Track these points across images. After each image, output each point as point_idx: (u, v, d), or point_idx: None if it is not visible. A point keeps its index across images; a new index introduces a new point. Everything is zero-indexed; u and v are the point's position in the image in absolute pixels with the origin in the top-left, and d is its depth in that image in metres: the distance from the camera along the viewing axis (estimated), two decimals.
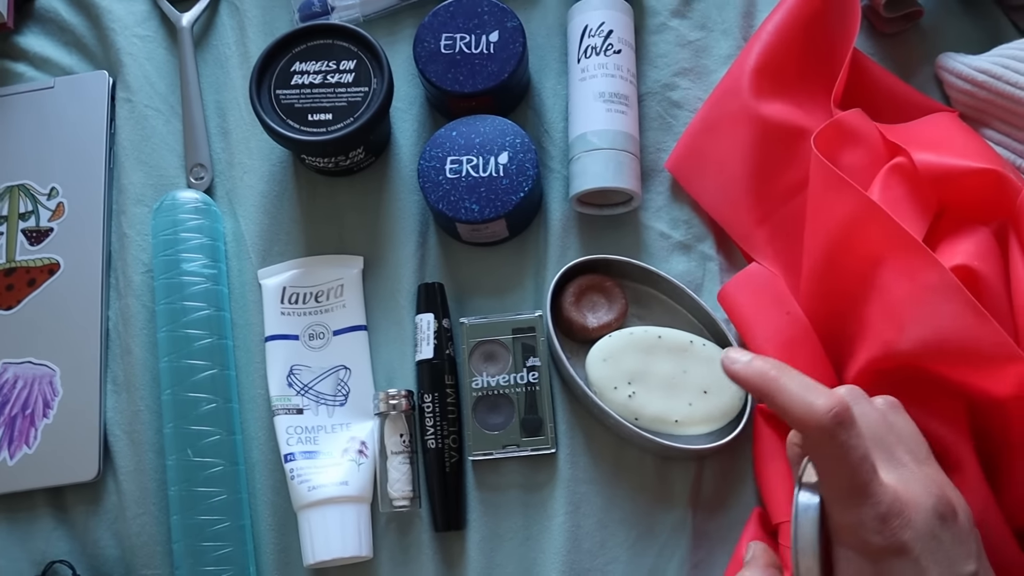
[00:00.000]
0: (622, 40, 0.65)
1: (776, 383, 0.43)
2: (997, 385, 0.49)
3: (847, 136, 0.60)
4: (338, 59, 0.62)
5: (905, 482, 0.42)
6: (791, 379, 0.43)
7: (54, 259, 0.65)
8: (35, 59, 0.71)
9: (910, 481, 0.42)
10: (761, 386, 0.44)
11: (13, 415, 0.62)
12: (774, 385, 0.43)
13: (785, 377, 0.43)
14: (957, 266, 0.52)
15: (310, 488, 0.58)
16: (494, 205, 0.60)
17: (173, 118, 0.69)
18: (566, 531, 0.58)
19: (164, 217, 0.63)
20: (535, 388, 0.60)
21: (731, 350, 0.46)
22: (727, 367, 0.45)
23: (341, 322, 0.63)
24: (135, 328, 0.63)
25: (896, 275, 0.52)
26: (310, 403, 0.61)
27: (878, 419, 0.44)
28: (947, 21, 0.68)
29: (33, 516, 0.61)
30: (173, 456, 0.59)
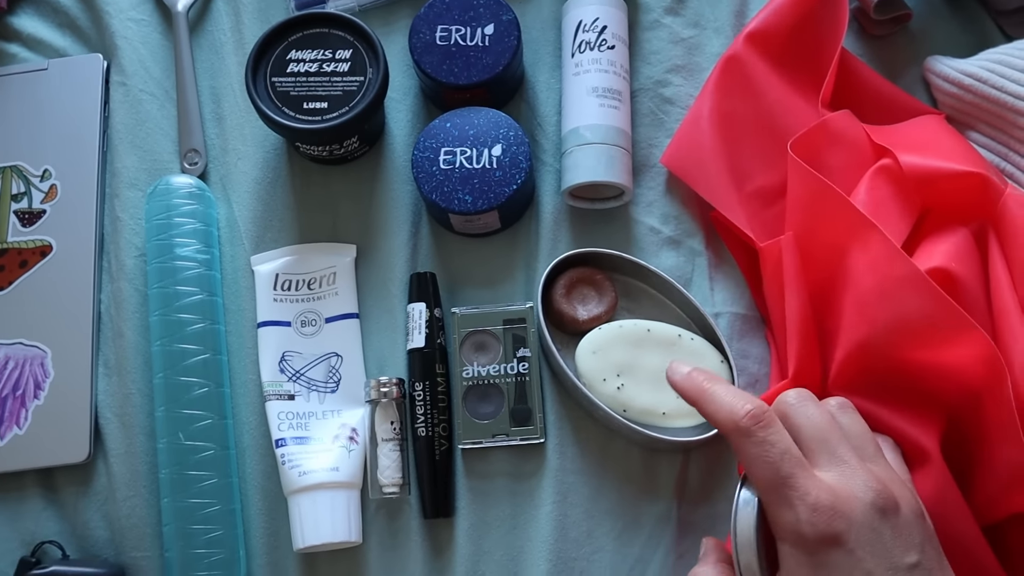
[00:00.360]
0: (616, 36, 0.65)
1: (706, 392, 0.48)
2: (961, 365, 0.51)
3: (833, 138, 0.61)
4: (334, 48, 0.63)
5: (844, 477, 0.44)
6: (720, 388, 0.47)
7: (46, 241, 0.65)
8: (28, 40, 0.71)
9: (849, 477, 0.44)
10: (695, 394, 0.48)
11: (3, 396, 0.62)
12: (705, 394, 0.48)
13: (716, 386, 0.47)
14: (934, 268, 0.53)
15: (301, 473, 0.58)
16: (487, 197, 0.61)
17: (167, 103, 0.69)
18: (553, 520, 0.59)
19: (158, 201, 0.63)
20: (525, 378, 0.60)
21: (675, 362, 0.51)
22: (669, 376, 0.51)
23: (333, 309, 0.63)
24: (127, 311, 0.63)
25: (864, 269, 0.54)
26: (302, 389, 0.61)
27: (823, 419, 0.46)
28: (935, 25, 0.69)
29: (23, 497, 0.61)
30: (164, 439, 0.59)
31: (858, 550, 0.42)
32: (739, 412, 0.45)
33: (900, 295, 0.52)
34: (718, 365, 0.60)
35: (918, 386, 0.54)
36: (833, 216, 0.57)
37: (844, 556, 0.42)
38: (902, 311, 0.52)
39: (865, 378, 0.55)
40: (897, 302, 0.52)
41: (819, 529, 0.42)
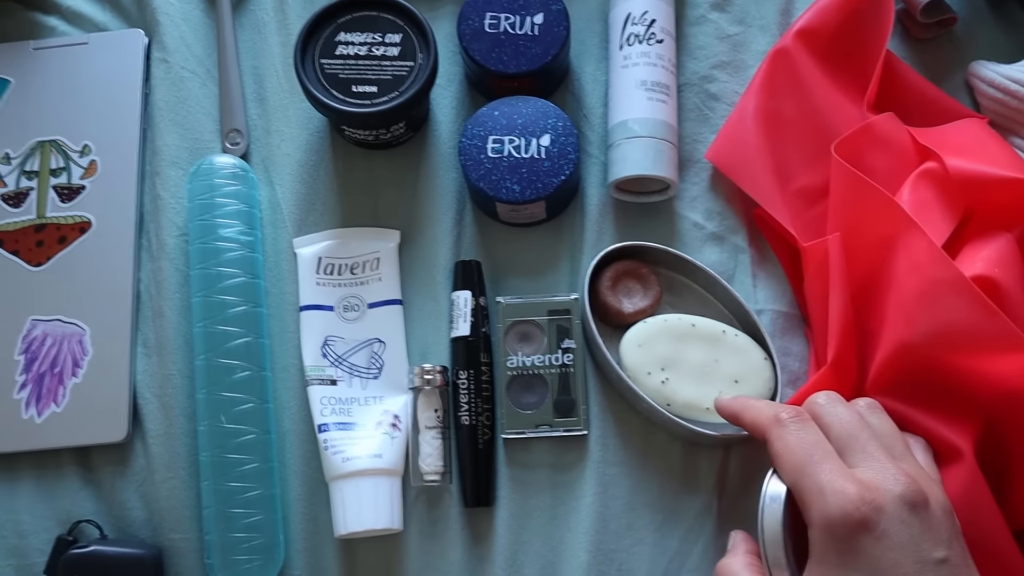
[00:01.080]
0: (664, 30, 0.65)
1: (746, 404, 0.52)
2: (1004, 374, 0.51)
3: (878, 140, 0.61)
4: (384, 32, 0.62)
5: (873, 471, 0.45)
6: (758, 402, 0.52)
7: (86, 217, 0.64)
8: (68, 13, 0.70)
9: (879, 471, 0.45)
10: (736, 410, 0.53)
11: (41, 372, 0.61)
12: (743, 404, 0.52)
13: (753, 401, 0.52)
14: (976, 276, 0.53)
15: (344, 459, 0.58)
16: (535, 187, 0.60)
17: (209, 82, 0.68)
18: (594, 511, 0.59)
19: (201, 181, 0.63)
20: (569, 370, 0.60)
21: (719, 399, 0.55)
22: (717, 404, 0.55)
23: (376, 295, 0.63)
24: (168, 291, 0.62)
25: (907, 270, 0.54)
26: (344, 375, 0.61)
27: (852, 418, 0.48)
28: (979, 29, 0.69)
29: (60, 475, 0.61)
30: (205, 422, 0.59)
31: (886, 538, 0.42)
32: (768, 413, 0.49)
33: (943, 299, 0.52)
34: (761, 362, 0.60)
35: (956, 388, 0.54)
36: (877, 216, 0.57)
37: (873, 543, 0.42)
38: (944, 316, 0.52)
39: (903, 378, 0.55)
40: (940, 306, 0.52)
41: (848, 515, 0.43)
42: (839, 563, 0.43)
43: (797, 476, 0.45)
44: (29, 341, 0.62)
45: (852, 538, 0.43)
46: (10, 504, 0.60)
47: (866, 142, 0.61)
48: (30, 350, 0.61)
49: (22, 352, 0.61)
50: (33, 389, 0.61)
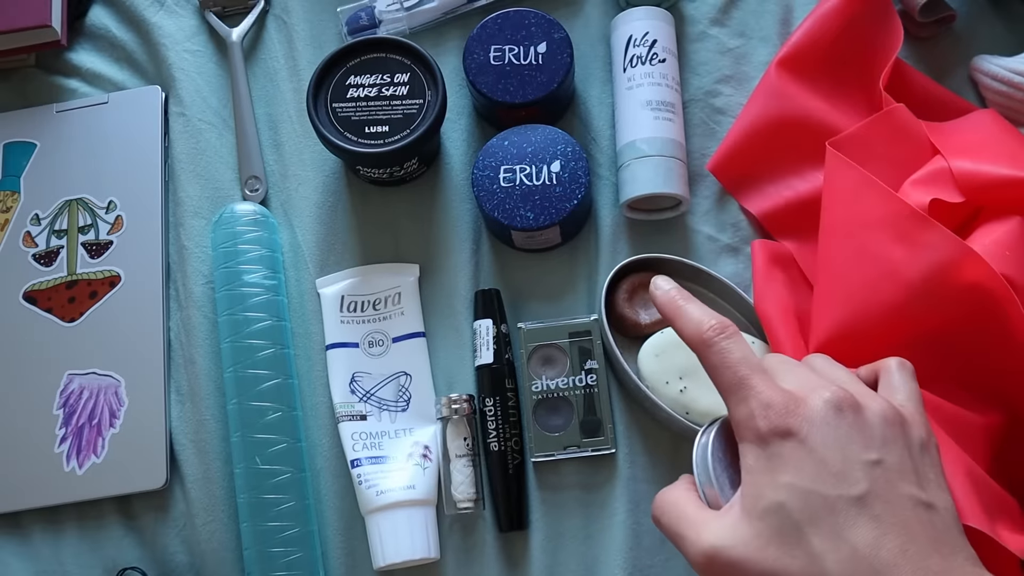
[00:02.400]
0: (666, 49, 0.66)
1: (680, 308, 0.49)
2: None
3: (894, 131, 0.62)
4: (392, 72, 0.64)
5: (802, 380, 0.45)
6: (692, 306, 0.49)
7: (115, 271, 0.66)
8: (87, 75, 0.72)
9: (805, 381, 0.44)
10: (670, 311, 0.49)
11: (80, 425, 0.63)
12: (679, 310, 0.49)
13: (689, 304, 0.49)
14: None
15: (378, 492, 0.59)
16: (548, 213, 0.61)
17: (226, 131, 0.70)
18: (627, 529, 0.59)
19: (223, 230, 0.64)
20: (593, 390, 0.61)
21: (659, 278, 0.51)
22: (651, 290, 0.51)
23: (400, 329, 0.64)
24: (198, 339, 0.64)
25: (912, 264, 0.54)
26: (373, 409, 0.62)
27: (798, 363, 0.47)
28: (979, 24, 0.69)
29: (102, 524, 0.62)
30: (241, 464, 0.60)
31: (810, 440, 0.41)
32: (704, 325, 0.46)
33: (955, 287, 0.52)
34: None
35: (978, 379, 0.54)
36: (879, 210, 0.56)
37: (796, 446, 0.42)
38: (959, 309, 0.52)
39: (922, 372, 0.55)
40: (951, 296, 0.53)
41: (772, 423, 0.42)
42: (767, 469, 0.42)
43: (726, 392, 0.45)
44: (67, 395, 0.63)
45: (777, 443, 0.42)
46: (56, 555, 0.62)
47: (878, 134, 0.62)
48: (68, 404, 0.63)
49: (60, 406, 0.63)
50: (73, 442, 0.62)
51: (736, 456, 0.45)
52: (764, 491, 0.42)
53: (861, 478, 0.41)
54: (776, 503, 0.41)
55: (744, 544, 0.41)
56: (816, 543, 0.40)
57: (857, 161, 0.59)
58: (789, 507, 0.41)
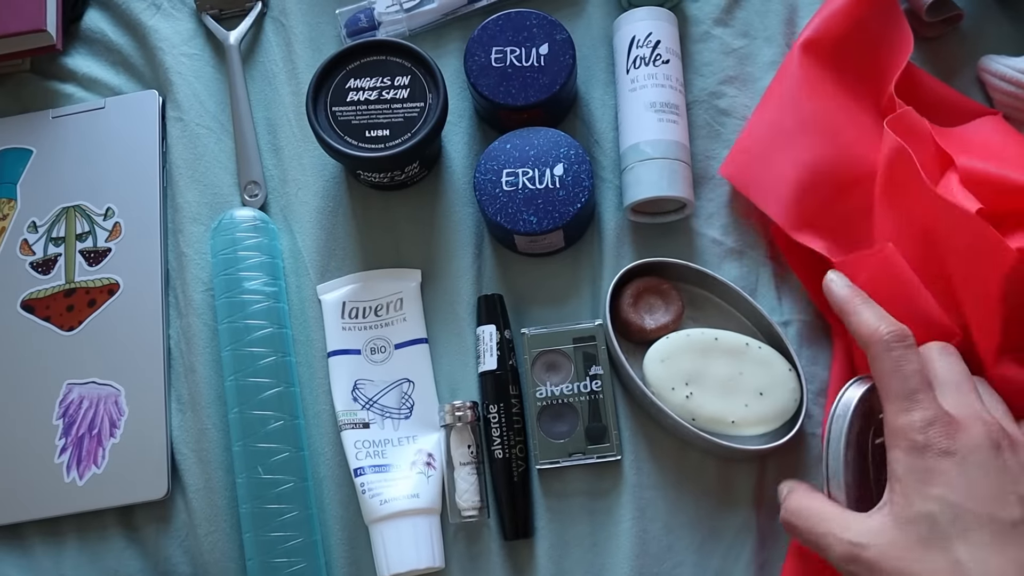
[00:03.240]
0: (669, 50, 0.66)
1: (855, 307, 0.51)
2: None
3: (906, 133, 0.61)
4: (392, 75, 0.63)
5: (964, 407, 0.46)
6: (869, 307, 0.51)
7: (113, 279, 0.65)
8: (84, 80, 0.71)
9: (969, 409, 0.46)
10: (844, 306, 0.52)
11: (80, 435, 0.62)
12: (853, 308, 0.51)
13: (865, 304, 0.51)
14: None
15: (382, 502, 0.58)
16: (552, 216, 0.61)
17: (224, 136, 0.69)
18: (633, 536, 0.59)
19: (222, 236, 0.64)
20: (598, 396, 0.60)
21: (834, 272, 0.54)
22: (826, 283, 0.54)
23: (402, 335, 0.63)
24: (198, 347, 0.63)
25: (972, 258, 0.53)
26: (376, 417, 0.61)
27: (959, 369, 0.49)
28: (986, 24, 0.69)
29: (104, 535, 0.62)
30: (243, 474, 0.59)
31: (967, 463, 0.44)
32: (884, 328, 0.48)
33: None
34: (786, 373, 0.60)
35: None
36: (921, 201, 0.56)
37: (953, 464, 0.44)
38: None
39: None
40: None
41: (931, 439, 0.45)
42: (920, 480, 0.44)
43: (893, 398, 0.47)
44: (66, 405, 0.63)
45: (934, 459, 0.44)
46: (57, 568, 0.61)
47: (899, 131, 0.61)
48: (68, 414, 0.63)
49: (60, 416, 0.63)
50: (73, 452, 0.62)
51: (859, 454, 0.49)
52: (914, 500, 0.44)
53: (1016, 507, 0.43)
54: (926, 512, 0.43)
55: (890, 544, 0.44)
56: (963, 553, 0.42)
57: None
58: (939, 517, 0.43)
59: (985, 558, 0.42)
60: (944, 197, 0.54)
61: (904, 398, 0.46)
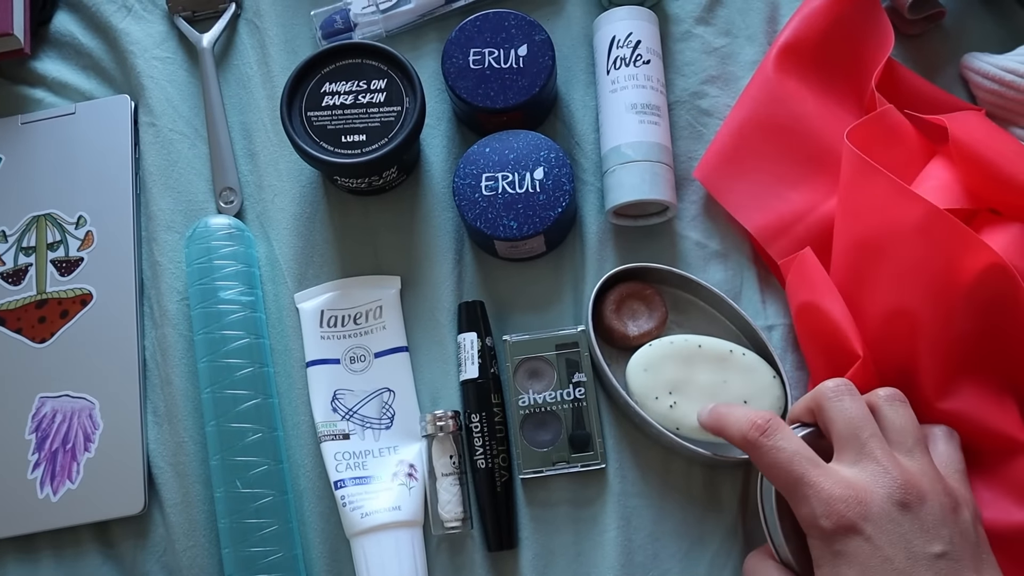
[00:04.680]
0: (650, 50, 0.65)
1: (723, 416, 0.52)
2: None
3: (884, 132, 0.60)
4: (368, 79, 0.62)
5: (865, 471, 0.45)
6: (735, 410, 0.51)
7: (86, 289, 0.64)
8: (53, 84, 0.70)
9: (871, 471, 0.45)
10: (715, 424, 0.53)
11: (54, 450, 0.61)
12: (722, 418, 0.52)
13: (731, 409, 0.52)
14: None
15: (363, 515, 0.57)
16: (532, 221, 0.60)
17: (198, 141, 0.68)
18: (618, 545, 0.58)
19: (197, 245, 0.62)
20: (582, 404, 0.60)
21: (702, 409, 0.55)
22: (701, 422, 0.55)
23: (382, 344, 0.62)
24: (174, 358, 0.62)
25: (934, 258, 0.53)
26: (356, 427, 0.60)
27: (856, 412, 0.48)
28: (969, 21, 0.68)
29: (80, 552, 0.60)
30: (221, 488, 0.58)
31: (876, 538, 0.43)
32: (745, 426, 0.48)
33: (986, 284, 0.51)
34: (770, 380, 0.59)
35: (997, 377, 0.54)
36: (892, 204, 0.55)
37: (862, 543, 0.43)
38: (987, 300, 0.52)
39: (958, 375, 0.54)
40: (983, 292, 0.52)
41: (834, 521, 0.44)
42: (833, 564, 0.44)
43: (785, 490, 0.47)
44: (39, 419, 0.61)
45: (841, 540, 0.44)
46: None
47: (874, 133, 0.60)
48: (41, 428, 0.61)
49: (33, 431, 0.61)
50: (47, 468, 0.60)
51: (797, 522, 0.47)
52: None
53: (925, 568, 0.43)
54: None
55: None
56: None
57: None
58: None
59: None
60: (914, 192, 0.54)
61: (794, 489, 0.46)
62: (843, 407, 0.48)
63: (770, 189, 0.64)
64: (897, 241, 0.54)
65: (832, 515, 0.44)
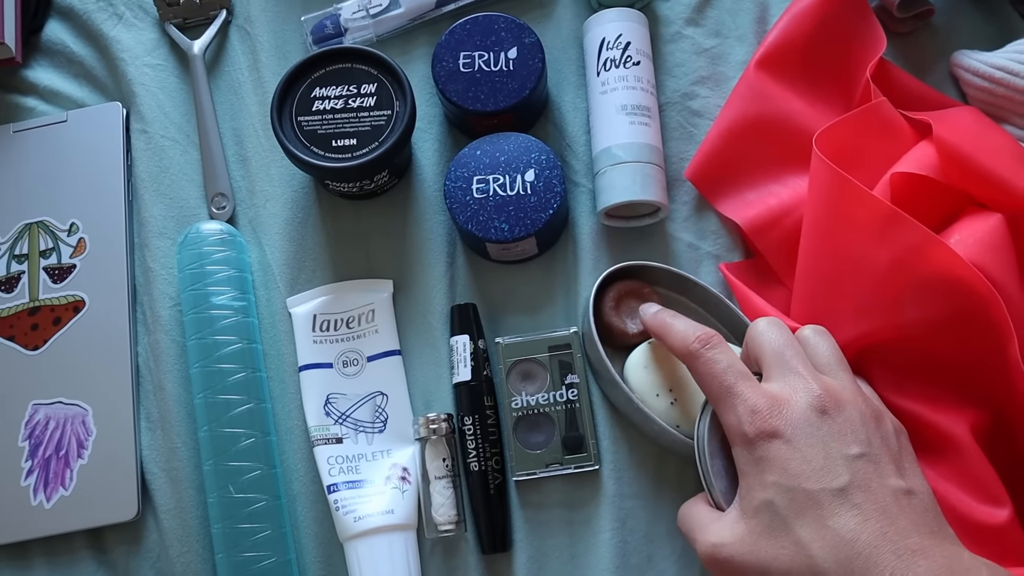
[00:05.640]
0: (640, 51, 0.65)
1: (667, 325, 0.54)
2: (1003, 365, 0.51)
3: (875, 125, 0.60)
4: (359, 83, 0.62)
5: (788, 386, 0.47)
6: (679, 321, 0.54)
7: (79, 296, 0.64)
8: (45, 92, 0.70)
9: (793, 384, 0.47)
10: (659, 329, 0.55)
11: (47, 457, 0.61)
12: (666, 326, 0.54)
13: (676, 320, 0.54)
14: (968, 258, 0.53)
15: (356, 519, 0.57)
16: (524, 223, 0.60)
17: (190, 148, 0.68)
18: (613, 547, 0.58)
19: (189, 251, 0.62)
20: (575, 405, 0.60)
21: (646, 305, 0.58)
22: (640, 315, 0.57)
23: (374, 347, 0.62)
24: (166, 364, 0.62)
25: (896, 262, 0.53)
26: (349, 431, 0.60)
27: (783, 338, 0.50)
28: (958, 18, 0.68)
29: (74, 559, 0.60)
30: (214, 493, 0.58)
31: (795, 440, 0.45)
32: (690, 337, 0.51)
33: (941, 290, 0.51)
34: None
35: (953, 378, 0.54)
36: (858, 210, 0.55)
37: (782, 446, 0.45)
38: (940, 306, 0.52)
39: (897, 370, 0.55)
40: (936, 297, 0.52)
41: (758, 426, 0.46)
42: (756, 471, 0.46)
43: (714, 401, 0.49)
44: (32, 426, 0.61)
45: (763, 446, 0.45)
46: None
47: (863, 128, 0.60)
48: (34, 435, 0.61)
49: (26, 438, 0.61)
50: (40, 475, 0.60)
51: (728, 460, 0.49)
52: (755, 491, 0.46)
53: (843, 472, 0.44)
54: (765, 501, 0.45)
55: (739, 540, 0.45)
56: (802, 533, 0.43)
57: (843, 153, 0.57)
58: (776, 504, 0.44)
59: (820, 534, 0.43)
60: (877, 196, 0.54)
61: (723, 398, 0.48)
62: (771, 335, 0.50)
63: (759, 186, 0.64)
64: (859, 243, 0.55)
65: (755, 421, 0.46)
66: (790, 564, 0.43)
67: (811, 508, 0.43)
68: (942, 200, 0.57)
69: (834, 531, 0.43)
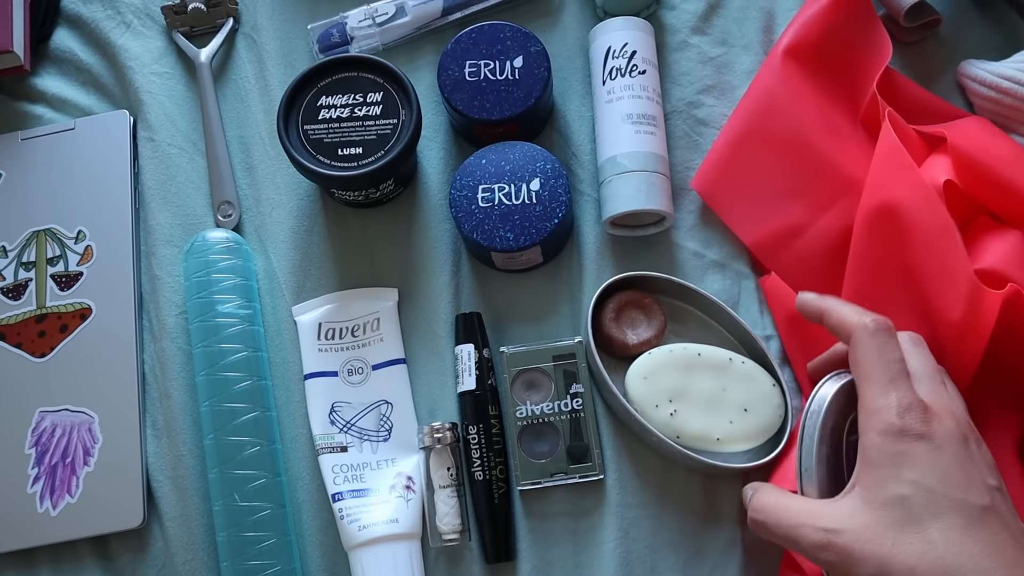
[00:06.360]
0: (646, 60, 0.65)
1: (833, 304, 0.52)
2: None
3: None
4: (365, 92, 0.62)
5: (936, 398, 0.47)
6: (844, 305, 0.51)
7: (86, 304, 0.64)
8: (53, 100, 0.70)
9: (941, 400, 0.47)
10: (822, 306, 0.52)
11: (53, 464, 0.61)
12: (831, 306, 0.52)
13: (839, 303, 0.52)
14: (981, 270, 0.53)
15: (361, 528, 0.57)
16: (529, 233, 0.60)
17: (197, 156, 0.68)
18: (617, 557, 0.58)
19: (195, 259, 0.63)
20: (579, 415, 0.60)
21: (804, 293, 0.54)
22: (799, 303, 0.54)
23: (380, 356, 0.62)
24: (172, 372, 0.62)
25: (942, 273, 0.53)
26: (354, 440, 0.60)
27: (930, 361, 0.50)
28: (965, 28, 0.68)
29: (79, 566, 0.60)
30: (220, 502, 0.58)
31: (944, 450, 0.44)
32: (868, 317, 0.49)
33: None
34: (770, 388, 0.59)
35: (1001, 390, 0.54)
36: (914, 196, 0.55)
37: (928, 450, 0.44)
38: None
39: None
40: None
41: (908, 422, 0.45)
42: (893, 464, 0.44)
43: (874, 381, 0.47)
44: (39, 434, 0.62)
45: (909, 443, 0.44)
46: None
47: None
48: (40, 442, 0.61)
49: (32, 445, 0.62)
50: (46, 482, 0.61)
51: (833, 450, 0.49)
52: (888, 483, 0.44)
53: (985, 494, 0.44)
54: (899, 496, 0.44)
55: (863, 528, 0.44)
56: (937, 536, 0.42)
57: None
58: (913, 501, 0.43)
59: (957, 539, 0.42)
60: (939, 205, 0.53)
61: (885, 382, 0.47)
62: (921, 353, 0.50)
63: (768, 202, 0.64)
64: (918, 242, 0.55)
65: (907, 417, 0.45)
66: (917, 561, 0.42)
67: (952, 515, 0.43)
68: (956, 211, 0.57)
69: (975, 541, 0.42)
